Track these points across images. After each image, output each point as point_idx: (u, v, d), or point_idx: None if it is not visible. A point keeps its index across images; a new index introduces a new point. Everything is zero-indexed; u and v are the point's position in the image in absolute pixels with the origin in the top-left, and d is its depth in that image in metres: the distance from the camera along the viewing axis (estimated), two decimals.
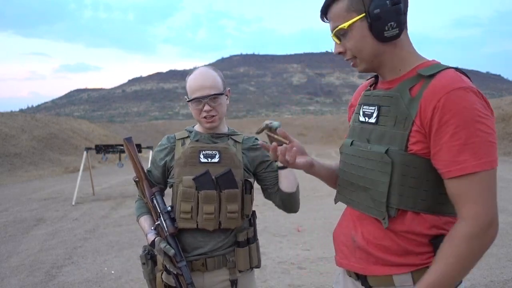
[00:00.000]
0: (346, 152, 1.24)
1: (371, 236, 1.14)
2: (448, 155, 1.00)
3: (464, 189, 1.00)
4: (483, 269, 3.87)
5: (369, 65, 1.15)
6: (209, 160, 1.58)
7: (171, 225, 1.54)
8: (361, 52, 1.12)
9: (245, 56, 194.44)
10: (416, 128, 1.04)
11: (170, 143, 1.67)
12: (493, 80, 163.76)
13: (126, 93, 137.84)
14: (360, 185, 1.17)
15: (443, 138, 1.00)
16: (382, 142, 1.11)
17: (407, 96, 1.07)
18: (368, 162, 1.14)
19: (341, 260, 1.24)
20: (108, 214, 7.21)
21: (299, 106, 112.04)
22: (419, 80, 1.07)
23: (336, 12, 1.11)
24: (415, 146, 1.05)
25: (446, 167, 1.01)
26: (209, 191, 1.53)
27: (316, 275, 3.90)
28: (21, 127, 20.32)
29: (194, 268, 1.57)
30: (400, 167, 1.06)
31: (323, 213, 6.63)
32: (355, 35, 1.10)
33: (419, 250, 1.09)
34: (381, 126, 1.12)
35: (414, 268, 1.08)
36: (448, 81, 1.02)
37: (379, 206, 1.10)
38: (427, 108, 1.02)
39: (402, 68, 1.13)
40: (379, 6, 1.06)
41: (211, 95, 1.57)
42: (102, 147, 9.22)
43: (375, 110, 1.15)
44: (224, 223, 1.55)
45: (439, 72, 1.05)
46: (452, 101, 0.99)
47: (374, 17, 1.06)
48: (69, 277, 4.08)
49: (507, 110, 22.70)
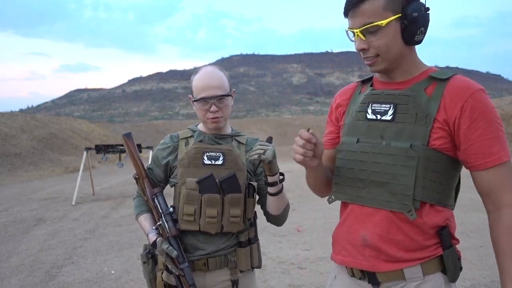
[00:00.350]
0: (351, 149, 1.25)
1: (384, 232, 1.16)
2: (482, 148, 1.10)
3: (501, 177, 1.10)
4: (484, 269, 3.86)
5: (389, 66, 1.18)
6: (213, 162, 1.56)
7: (173, 227, 1.53)
8: (388, 51, 1.15)
9: (245, 56, 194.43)
10: (438, 125, 1.12)
11: (173, 142, 1.65)
12: (493, 80, 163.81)
13: (126, 93, 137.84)
14: (373, 181, 1.19)
15: (474, 133, 1.10)
16: (400, 138, 1.15)
17: (424, 95, 1.15)
18: (387, 158, 1.16)
19: (345, 259, 1.24)
20: (108, 214, 7.21)
21: (299, 106, 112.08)
22: (431, 83, 1.16)
23: (371, 9, 1.11)
24: (437, 141, 1.12)
25: (482, 159, 1.10)
26: (213, 195, 1.52)
27: (316, 275, 3.90)
28: (21, 127, 20.32)
29: (196, 268, 1.56)
30: (423, 161, 1.12)
31: (323, 213, 6.63)
32: (388, 33, 1.12)
33: (427, 242, 1.14)
34: (398, 123, 1.17)
35: (423, 260, 1.14)
36: (468, 84, 1.13)
37: (402, 199, 1.14)
38: (454, 107, 1.11)
39: (413, 71, 1.20)
40: (417, 10, 1.11)
41: (218, 96, 1.55)
42: (102, 147, 9.22)
43: (390, 108, 1.18)
44: (226, 227, 1.54)
45: (452, 76, 1.15)
46: (478, 101, 1.10)
47: (411, 19, 1.11)
48: (69, 277, 4.08)
49: (507, 110, 22.73)
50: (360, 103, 1.26)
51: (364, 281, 1.21)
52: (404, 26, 1.12)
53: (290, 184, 9.66)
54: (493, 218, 1.13)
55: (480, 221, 5.73)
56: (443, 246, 1.15)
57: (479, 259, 4.11)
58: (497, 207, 1.12)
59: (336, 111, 1.38)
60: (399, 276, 1.15)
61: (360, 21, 1.13)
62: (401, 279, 1.15)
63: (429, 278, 1.13)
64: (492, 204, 1.13)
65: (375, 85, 1.28)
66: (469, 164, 1.14)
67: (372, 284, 1.19)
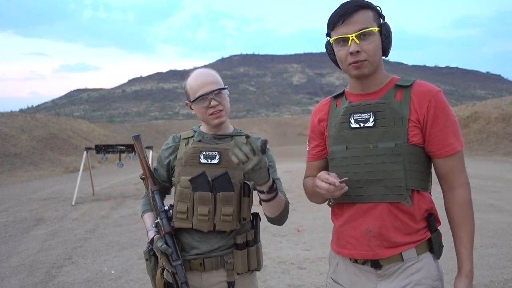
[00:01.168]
0: (342, 156, 1.42)
1: (385, 221, 1.34)
2: (441, 140, 1.33)
3: (455, 164, 1.35)
4: (483, 269, 3.86)
5: (372, 70, 1.36)
6: (209, 161, 1.58)
7: (168, 224, 1.55)
8: (375, 56, 1.34)
9: (245, 56, 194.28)
10: (413, 124, 1.33)
11: (175, 143, 1.68)
12: (493, 80, 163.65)
13: (126, 93, 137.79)
14: (368, 179, 1.36)
15: (436, 127, 1.33)
16: (384, 140, 1.34)
17: (395, 101, 1.36)
18: (377, 158, 1.35)
19: (350, 252, 1.40)
20: (108, 214, 7.21)
21: (299, 106, 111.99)
22: (398, 90, 1.38)
23: (364, 17, 1.32)
24: (414, 138, 1.33)
25: (441, 148, 1.34)
26: (204, 193, 1.53)
27: (316, 275, 3.90)
28: (21, 127, 20.33)
29: (192, 267, 1.57)
30: (407, 156, 1.33)
31: (323, 213, 6.63)
32: (376, 40, 1.33)
33: (418, 226, 1.35)
34: (380, 127, 1.36)
35: (417, 243, 1.35)
36: (428, 88, 1.36)
37: (397, 191, 1.33)
38: (421, 107, 1.33)
39: (383, 81, 1.41)
40: (389, 29, 1.37)
41: (215, 90, 1.58)
42: (102, 147, 9.22)
43: (371, 116, 1.37)
44: (219, 225, 1.54)
45: (413, 82, 1.37)
46: (438, 101, 1.33)
47: (388, 34, 1.36)
48: (69, 277, 4.08)
49: (507, 110, 22.71)
50: (342, 115, 1.42)
51: (366, 265, 1.39)
52: (384, 38, 1.35)
53: (290, 184, 9.66)
54: (448, 196, 1.38)
55: (480, 221, 5.74)
56: (430, 230, 1.37)
57: (479, 259, 4.11)
58: (451, 187, 1.37)
59: (319, 126, 1.53)
60: (398, 259, 1.35)
61: (356, 27, 1.31)
62: (399, 261, 1.35)
63: (421, 257, 1.36)
64: (447, 185, 1.38)
65: (350, 97, 1.45)
66: (431, 153, 1.36)
67: (374, 267, 1.37)
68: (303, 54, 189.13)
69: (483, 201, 7.11)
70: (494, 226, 5.47)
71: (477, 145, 20.92)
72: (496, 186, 8.86)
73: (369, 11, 1.33)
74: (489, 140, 21.00)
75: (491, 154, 19.00)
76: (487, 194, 7.78)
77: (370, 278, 1.39)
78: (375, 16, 1.34)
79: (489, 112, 23.33)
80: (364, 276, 1.40)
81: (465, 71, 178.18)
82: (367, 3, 1.34)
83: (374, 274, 1.38)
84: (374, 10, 1.35)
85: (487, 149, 20.02)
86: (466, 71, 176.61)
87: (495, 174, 11.03)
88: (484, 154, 19.22)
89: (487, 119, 22.78)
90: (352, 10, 1.31)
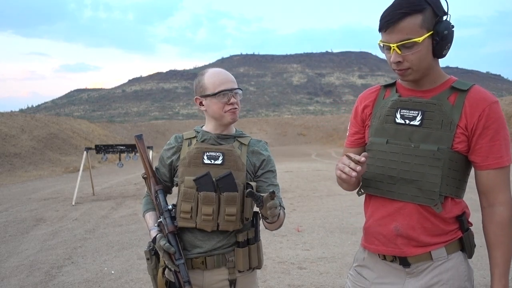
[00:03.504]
0: (381, 149, 1.39)
1: (414, 222, 1.32)
2: (487, 152, 1.28)
3: (498, 179, 1.30)
4: (483, 269, 3.86)
5: (419, 76, 1.32)
6: (212, 161, 1.59)
7: (171, 223, 1.57)
8: (421, 64, 1.28)
9: (245, 56, 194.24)
10: (460, 131, 1.29)
11: (178, 143, 1.70)
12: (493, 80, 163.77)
13: (126, 93, 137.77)
14: (403, 178, 1.34)
15: (485, 138, 1.28)
16: (427, 142, 1.31)
17: (448, 104, 1.31)
18: (416, 158, 1.32)
19: (378, 247, 1.40)
20: (108, 214, 7.21)
21: (299, 106, 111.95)
22: (453, 92, 1.32)
23: (409, 26, 1.24)
24: (459, 145, 1.30)
25: (485, 161, 1.29)
26: (209, 193, 1.55)
27: (316, 275, 3.90)
28: (21, 127, 20.32)
29: (194, 266, 1.59)
30: (448, 162, 1.30)
31: (323, 213, 6.63)
32: (422, 49, 1.26)
33: (449, 228, 1.34)
34: (426, 128, 1.32)
35: (447, 243, 1.34)
36: (485, 96, 1.30)
37: (430, 195, 1.30)
38: (473, 115, 1.28)
39: (437, 81, 1.35)
40: (447, 28, 1.26)
41: (237, 88, 1.63)
42: (102, 147, 9.22)
43: (419, 114, 1.33)
44: (222, 225, 1.56)
45: (470, 87, 1.31)
46: (492, 111, 1.28)
47: (442, 36, 1.26)
48: (69, 277, 4.08)
49: (507, 110, 22.74)
50: (389, 107, 1.39)
51: (395, 263, 1.37)
52: (436, 42, 1.26)
53: (290, 184, 9.67)
54: (486, 213, 1.33)
55: (480, 221, 5.73)
56: (462, 230, 1.35)
57: (479, 259, 4.11)
58: (491, 204, 1.32)
59: (362, 113, 1.49)
60: (427, 257, 1.33)
61: (398, 36, 1.25)
62: (429, 259, 1.33)
63: (451, 256, 1.34)
64: (487, 201, 1.33)
65: (400, 91, 1.41)
66: (475, 164, 1.32)
67: (403, 265, 1.36)
68: (303, 54, 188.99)
69: None
70: None
71: None
72: None
73: (418, 16, 1.23)
74: None
75: None
76: None
77: (398, 275, 1.38)
78: (426, 19, 1.24)
79: None
80: (393, 273, 1.39)
81: (465, 71, 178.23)
82: (419, 6, 1.23)
83: (403, 272, 1.37)
84: (428, 11, 1.24)
85: None
86: (466, 71, 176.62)
87: None
88: None
89: None
90: (397, 18, 1.24)
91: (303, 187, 9.35)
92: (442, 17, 1.27)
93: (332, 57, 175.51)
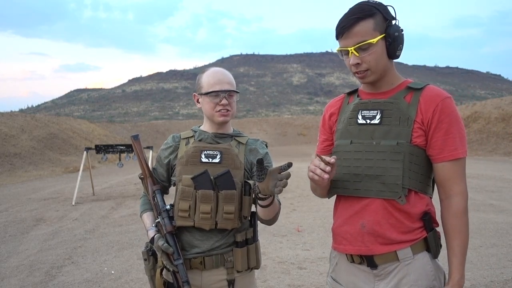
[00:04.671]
0: (346, 150, 1.45)
1: (379, 217, 1.36)
2: (442, 145, 1.34)
3: (454, 171, 1.35)
4: (483, 269, 3.86)
5: (377, 78, 1.40)
6: (210, 160, 1.60)
7: (169, 223, 1.56)
8: (378, 64, 1.37)
9: (245, 56, 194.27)
10: (418, 126, 1.35)
11: (175, 142, 1.70)
12: (493, 80, 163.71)
13: (126, 93, 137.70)
14: (367, 174, 1.39)
15: (440, 132, 1.34)
16: (388, 138, 1.37)
17: (404, 102, 1.39)
18: (378, 154, 1.38)
19: (346, 247, 1.42)
20: (108, 214, 7.21)
21: (299, 106, 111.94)
22: (409, 92, 1.41)
23: (363, 30, 1.34)
24: (417, 139, 1.36)
25: (441, 153, 1.35)
26: (207, 191, 1.55)
27: (316, 275, 3.91)
28: (21, 127, 20.33)
29: (193, 266, 1.58)
30: (408, 156, 1.35)
31: (322, 213, 6.63)
32: (377, 50, 1.35)
33: (414, 225, 1.36)
34: (385, 125, 1.39)
35: (412, 242, 1.36)
36: (438, 92, 1.38)
37: (393, 188, 1.35)
38: (427, 111, 1.35)
39: (394, 82, 1.44)
40: (397, 31, 1.36)
41: (230, 90, 1.63)
42: (102, 147, 9.22)
43: (378, 113, 1.40)
44: (221, 223, 1.56)
45: (425, 86, 1.40)
46: (445, 106, 1.35)
47: (393, 38, 1.36)
48: (69, 277, 4.08)
49: (507, 110, 22.71)
50: (351, 111, 1.47)
51: (363, 265, 1.40)
52: (389, 43, 1.36)
53: (290, 184, 9.67)
54: (444, 205, 1.38)
55: (480, 221, 5.74)
56: (426, 229, 1.37)
57: (479, 259, 4.11)
58: (447, 195, 1.37)
59: (329, 121, 1.57)
60: (393, 258, 1.36)
61: (354, 40, 1.34)
62: (395, 260, 1.36)
63: (417, 257, 1.36)
64: (444, 193, 1.38)
65: (362, 95, 1.49)
66: (431, 157, 1.37)
67: (370, 267, 1.38)
68: (303, 54, 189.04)
69: (483, 201, 7.06)
70: (494, 226, 5.46)
71: (477, 145, 20.92)
72: (496, 186, 8.82)
73: (370, 20, 1.34)
74: (489, 140, 21.00)
75: (491, 154, 19.00)
76: (487, 194, 7.73)
77: (368, 278, 1.40)
78: (378, 23, 1.34)
79: (489, 112, 23.34)
80: (362, 276, 1.41)
81: (465, 71, 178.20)
82: (369, 11, 1.34)
83: (371, 274, 1.39)
84: (378, 16, 1.35)
85: (487, 149, 20.02)
86: (466, 71, 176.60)
87: (495, 174, 11.04)
88: (484, 154, 19.23)
89: (487, 119, 22.79)
90: (351, 23, 1.34)
91: (303, 187, 9.35)
92: (391, 21, 1.37)
93: (332, 57, 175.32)
